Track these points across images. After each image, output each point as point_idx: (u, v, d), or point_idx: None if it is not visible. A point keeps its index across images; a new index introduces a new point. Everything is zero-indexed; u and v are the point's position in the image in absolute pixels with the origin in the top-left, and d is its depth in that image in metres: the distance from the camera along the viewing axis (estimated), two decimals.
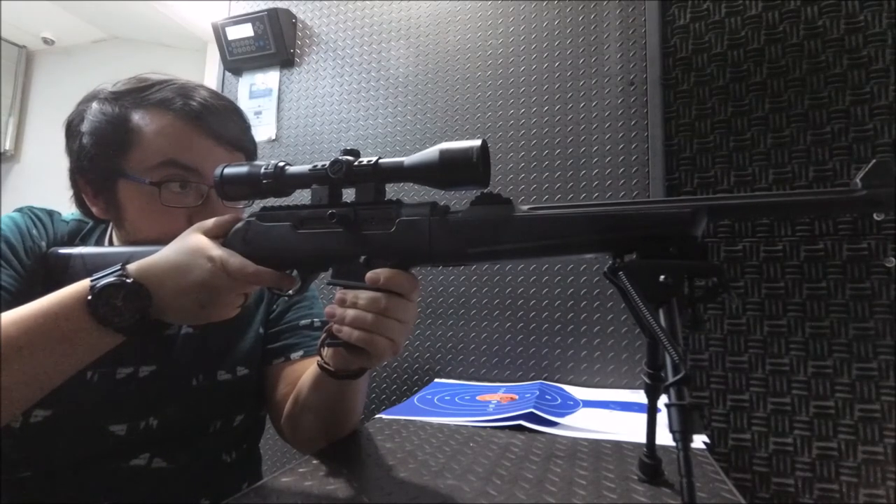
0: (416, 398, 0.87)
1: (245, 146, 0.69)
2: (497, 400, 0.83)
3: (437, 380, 1.05)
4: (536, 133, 1.07)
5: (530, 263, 1.03)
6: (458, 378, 1.05)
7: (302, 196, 0.53)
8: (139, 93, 0.63)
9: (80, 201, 0.67)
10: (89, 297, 0.48)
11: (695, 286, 0.38)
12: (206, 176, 0.63)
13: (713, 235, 0.95)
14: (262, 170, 0.52)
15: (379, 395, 1.11)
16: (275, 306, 0.76)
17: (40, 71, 3.16)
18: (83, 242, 0.67)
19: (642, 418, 0.52)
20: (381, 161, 0.49)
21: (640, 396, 0.86)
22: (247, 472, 0.74)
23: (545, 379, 0.99)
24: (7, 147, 3.07)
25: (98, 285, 0.48)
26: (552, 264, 1.02)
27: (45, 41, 3.02)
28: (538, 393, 0.84)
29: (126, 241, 0.64)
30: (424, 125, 1.17)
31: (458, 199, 1.03)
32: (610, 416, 0.74)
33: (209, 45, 2.64)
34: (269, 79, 1.34)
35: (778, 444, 0.88)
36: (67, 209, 0.70)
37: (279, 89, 1.32)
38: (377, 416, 0.74)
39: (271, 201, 0.54)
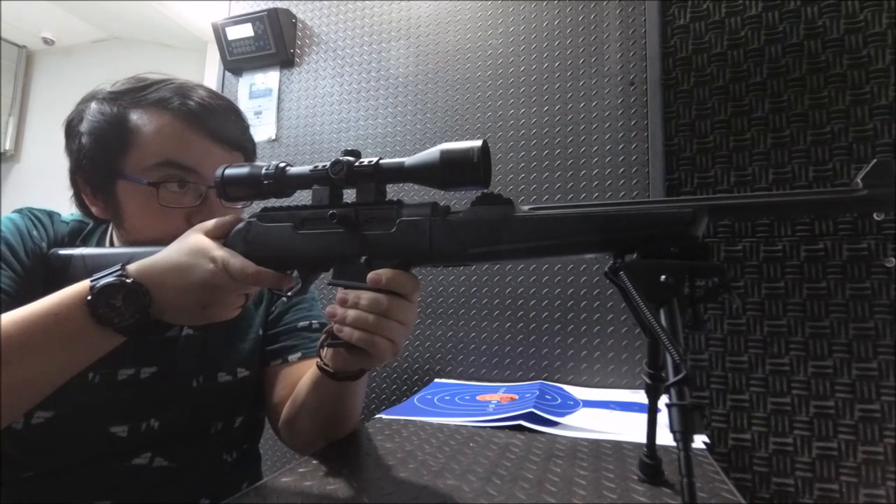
0: (416, 398, 0.87)
1: (244, 146, 0.69)
2: (497, 400, 0.83)
3: (437, 380, 1.05)
4: (536, 133, 1.07)
5: (530, 263, 1.03)
6: (458, 378, 1.05)
7: (302, 197, 0.53)
8: (137, 93, 0.63)
9: (79, 201, 0.67)
10: (89, 298, 0.48)
11: (695, 286, 0.38)
12: (205, 176, 0.62)
13: (713, 235, 0.95)
14: (263, 171, 0.52)
15: (379, 395, 1.11)
16: (274, 308, 0.76)
17: (40, 71, 3.16)
18: (84, 243, 0.67)
19: (642, 418, 0.52)
20: (381, 162, 0.49)
21: (640, 396, 0.86)
22: (247, 471, 0.74)
23: (545, 379, 0.99)
24: (7, 147, 3.07)
25: (98, 285, 0.48)
26: (552, 264, 1.02)
27: (45, 41, 3.02)
28: (538, 393, 0.84)
29: (126, 242, 0.64)
30: (424, 125, 1.17)
31: (458, 200, 1.02)
32: (610, 416, 0.74)
33: (209, 45, 2.64)
34: (269, 79, 1.34)
35: (778, 444, 0.88)
36: (67, 209, 0.70)
37: (279, 89, 1.32)
38: (377, 416, 0.74)
39: (272, 202, 0.54)
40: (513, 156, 1.08)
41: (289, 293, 0.53)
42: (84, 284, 0.49)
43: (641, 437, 0.52)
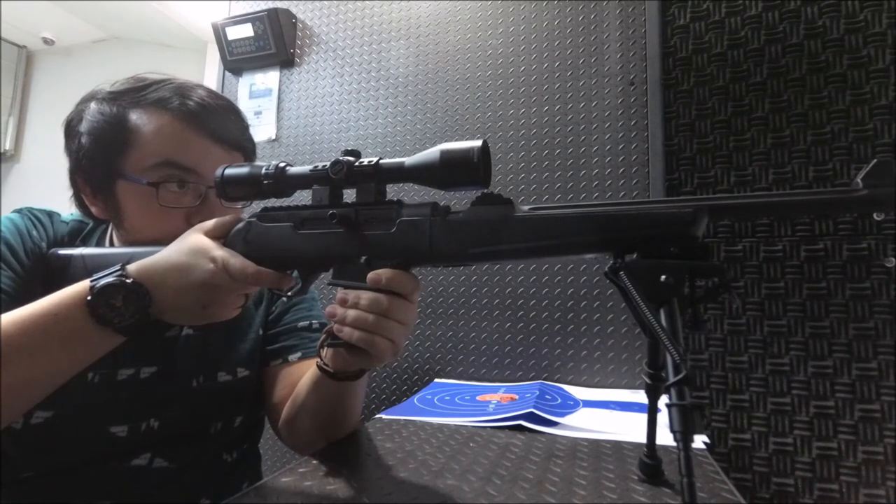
0: (416, 398, 0.87)
1: (243, 146, 0.69)
2: (497, 400, 0.83)
3: (437, 380, 1.05)
4: (536, 133, 1.07)
5: (530, 263, 1.03)
6: (458, 378, 1.05)
7: (302, 197, 0.53)
8: (137, 92, 0.63)
9: (79, 201, 0.67)
10: (89, 298, 0.48)
11: (695, 286, 0.38)
12: (204, 176, 0.62)
13: (713, 235, 0.95)
14: (263, 170, 0.52)
15: (379, 395, 1.11)
16: (274, 308, 0.76)
17: (40, 71, 3.16)
18: (83, 243, 0.67)
19: (642, 418, 0.52)
20: (381, 161, 0.49)
21: (640, 396, 0.86)
22: (247, 471, 0.74)
23: (545, 379, 0.99)
24: (7, 147, 3.07)
25: (98, 285, 0.48)
26: (552, 264, 1.02)
27: (45, 41, 3.02)
28: (538, 393, 0.84)
29: (125, 242, 0.64)
30: (424, 125, 1.17)
31: (458, 200, 1.03)
32: (610, 416, 0.74)
33: (209, 45, 2.64)
34: (269, 79, 1.34)
35: (778, 444, 0.88)
36: (67, 209, 0.70)
37: (279, 89, 1.32)
38: (377, 416, 0.74)
39: (272, 202, 0.54)
40: (513, 156, 1.08)
41: (289, 293, 0.53)
42: (84, 284, 0.49)
43: (641, 437, 0.52)
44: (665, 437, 0.40)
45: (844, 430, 0.85)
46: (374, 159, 0.49)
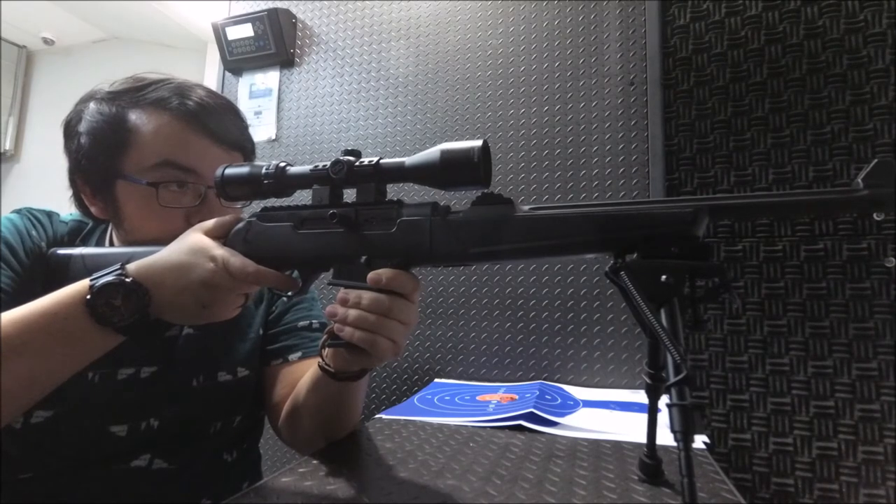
0: (416, 398, 0.87)
1: (243, 145, 0.69)
2: (497, 400, 0.83)
3: (437, 380, 1.05)
4: (536, 133, 1.07)
5: (530, 263, 1.03)
6: (458, 378, 1.05)
7: (302, 197, 0.53)
8: (136, 92, 0.63)
9: (79, 201, 0.67)
10: (88, 297, 0.48)
11: (696, 286, 0.38)
12: (204, 176, 0.62)
13: (713, 235, 0.95)
14: (264, 170, 0.52)
15: (379, 395, 1.11)
16: (274, 307, 0.76)
17: (40, 71, 3.16)
18: (83, 243, 0.67)
19: (642, 418, 0.52)
20: (382, 161, 0.49)
21: (640, 396, 0.86)
22: (247, 471, 0.74)
23: (545, 379, 0.99)
24: (7, 147, 3.07)
25: (97, 285, 0.48)
26: (552, 264, 1.02)
27: (45, 41, 3.02)
28: (538, 393, 0.84)
29: (125, 241, 0.64)
30: (424, 125, 1.17)
31: (459, 200, 1.03)
32: (610, 416, 0.74)
33: (209, 45, 2.64)
34: (269, 79, 1.34)
35: (778, 444, 0.88)
36: (67, 209, 0.70)
37: (279, 89, 1.32)
38: (377, 416, 0.74)
39: (271, 201, 0.54)
40: (513, 156, 1.08)
41: (289, 293, 0.53)
42: (83, 284, 0.49)
43: (641, 437, 0.52)
44: (665, 437, 0.40)
45: (844, 430, 0.85)
46: (374, 159, 0.49)
